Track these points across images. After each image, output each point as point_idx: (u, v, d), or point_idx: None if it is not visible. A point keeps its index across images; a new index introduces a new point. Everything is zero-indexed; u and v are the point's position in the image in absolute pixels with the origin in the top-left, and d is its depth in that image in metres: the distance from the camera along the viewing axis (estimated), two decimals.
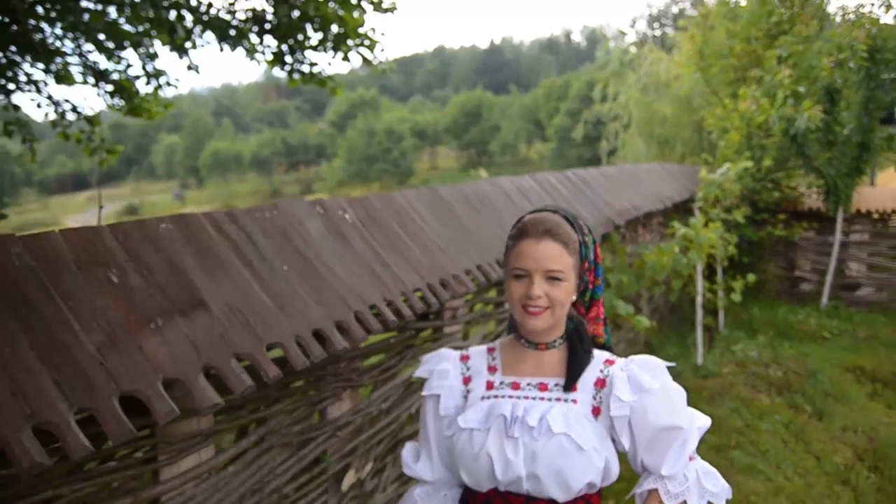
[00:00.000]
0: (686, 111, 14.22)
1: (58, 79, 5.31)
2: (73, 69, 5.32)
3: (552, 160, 43.71)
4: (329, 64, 11.92)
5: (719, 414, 4.36)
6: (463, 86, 74.99)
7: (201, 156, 61.25)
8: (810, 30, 8.36)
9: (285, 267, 1.86)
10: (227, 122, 73.91)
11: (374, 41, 5.42)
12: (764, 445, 4.00)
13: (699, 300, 5.74)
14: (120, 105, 5.65)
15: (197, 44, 5.40)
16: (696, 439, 1.28)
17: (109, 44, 5.14)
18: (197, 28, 5.27)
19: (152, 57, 5.47)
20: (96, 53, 5.22)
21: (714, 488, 1.27)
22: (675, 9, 41.06)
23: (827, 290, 7.46)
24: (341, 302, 1.91)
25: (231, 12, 5.20)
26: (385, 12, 5.32)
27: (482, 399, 1.34)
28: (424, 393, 1.42)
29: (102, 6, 4.93)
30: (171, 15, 5.12)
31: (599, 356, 1.36)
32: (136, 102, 5.70)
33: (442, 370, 1.42)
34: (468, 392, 1.38)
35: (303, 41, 5.42)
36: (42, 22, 4.78)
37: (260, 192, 57.40)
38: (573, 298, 1.33)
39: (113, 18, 5.04)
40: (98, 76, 5.41)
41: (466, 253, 2.74)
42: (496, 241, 2.97)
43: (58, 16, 4.76)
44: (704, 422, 1.31)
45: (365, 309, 1.97)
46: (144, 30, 5.16)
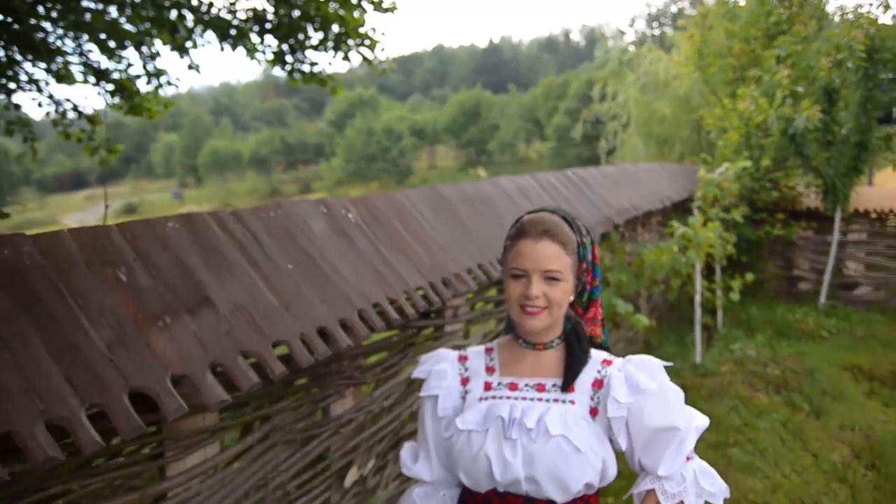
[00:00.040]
0: (685, 111, 14.25)
1: (58, 78, 5.31)
2: (74, 68, 5.33)
3: (551, 159, 43.73)
4: (329, 63, 11.93)
5: (718, 412, 4.39)
6: (462, 85, 75.03)
7: (200, 155, 61.26)
8: (809, 30, 8.39)
9: (290, 266, 1.88)
10: (226, 121, 73.88)
11: (375, 41, 5.44)
12: (762, 443, 4.03)
13: (698, 299, 5.76)
14: (120, 104, 5.66)
15: (198, 43, 5.41)
16: (694, 439, 1.28)
17: (110, 43, 5.15)
18: (198, 28, 5.28)
19: (153, 56, 5.48)
20: (97, 53, 5.24)
21: (711, 488, 1.27)
22: (674, 8, 41.12)
23: (825, 290, 7.49)
24: (345, 300, 1.93)
25: (232, 12, 5.21)
26: (385, 12, 5.34)
27: (480, 400, 1.34)
28: (422, 394, 1.42)
29: (103, 5, 4.94)
30: (172, 14, 5.13)
31: (597, 356, 1.36)
32: (137, 102, 5.71)
33: (440, 371, 1.42)
34: (466, 393, 1.39)
35: (303, 41, 5.43)
36: (43, 21, 4.79)
37: (258, 191, 57.37)
38: (571, 299, 1.33)
39: (114, 18, 5.05)
40: (99, 75, 5.42)
41: (468, 252, 2.76)
42: (497, 240, 2.98)
43: (59, 15, 4.77)
44: (702, 422, 1.30)
45: (368, 307, 1.99)
46: (145, 29, 5.17)
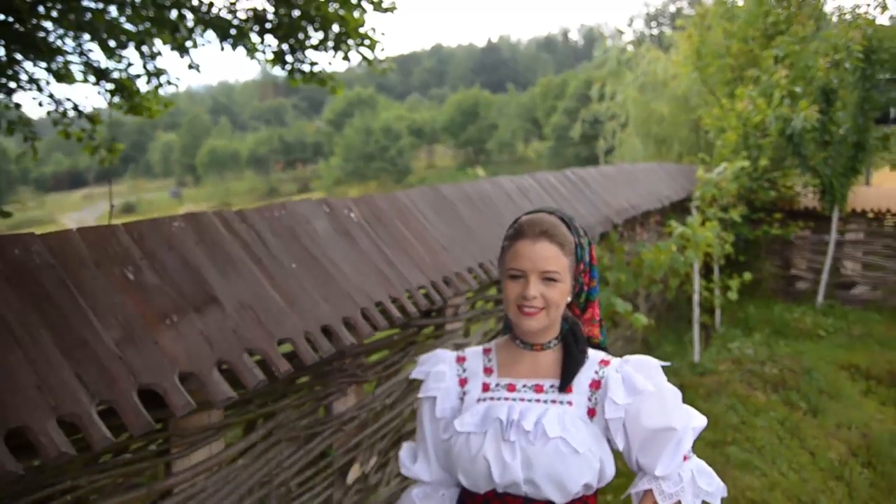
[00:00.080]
0: (683, 110, 14.28)
1: (58, 77, 5.32)
2: (74, 68, 5.34)
3: (549, 159, 43.75)
4: (329, 63, 11.94)
5: (716, 411, 4.43)
6: (460, 84, 75.07)
7: (198, 154, 61.21)
8: (807, 30, 8.42)
9: (294, 265, 1.90)
10: (225, 120, 73.84)
11: (375, 41, 5.45)
12: (759, 442, 4.06)
13: (696, 298, 5.79)
14: (120, 104, 5.67)
15: (198, 43, 5.42)
16: (691, 439, 1.29)
17: (111, 43, 5.16)
18: (198, 27, 5.29)
19: (153, 56, 5.49)
20: (97, 52, 5.25)
21: (709, 487, 1.28)
22: (673, 8, 41.20)
23: (822, 289, 7.52)
24: (348, 299, 1.95)
25: (232, 11, 5.22)
26: (385, 12, 5.35)
27: (478, 401, 1.35)
28: (421, 395, 1.42)
29: (104, 5, 4.95)
30: (173, 14, 5.14)
31: (594, 356, 1.37)
32: (137, 101, 5.73)
33: (438, 372, 1.42)
34: (464, 394, 1.39)
35: (303, 40, 5.45)
36: (44, 21, 4.80)
37: (257, 191, 57.34)
38: (568, 300, 1.34)
39: (114, 17, 5.06)
40: (99, 75, 5.43)
41: (468, 251, 2.78)
42: (497, 240, 3.00)
43: (59, 15, 4.78)
44: (700, 422, 1.31)
45: (371, 306, 2.02)
46: (145, 29, 5.18)
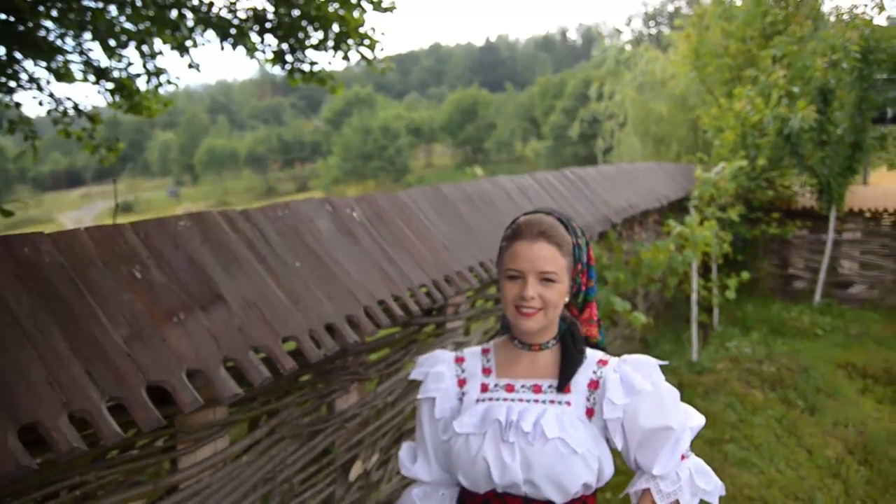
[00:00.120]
0: (681, 110, 14.33)
1: (58, 76, 5.33)
2: (74, 67, 5.35)
3: (548, 158, 43.75)
4: (329, 63, 11.94)
5: (714, 409, 4.45)
6: (458, 83, 75.13)
7: (196, 153, 61.19)
8: (805, 30, 8.46)
9: (297, 263, 1.92)
10: (223, 119, 73.84)
11: (375, 41, 5.47)
12: (757, 439, 4.09)
13: (694, 297, 5.81)
14: (120, 103, 5.68)
15: (198, 42, 5.43)
16: (689, 438, 1.29)
17: (111, 42, 5.17)
18: (198, 27, 5.31)
19: (154, 55, 5.50)
20: (97, 51, 5.27)
21: (707, 486, 1.29)
22: (671, 7, 41.26)
23: (820, 288, 7.56)
24: (351, 297, 1.98)
25: (232, 11, 5.24)
26: (384, 12, 5.37)
27: (477, 402, 1.36)
28: (420, 396, 1.43)
29: (104, 4, 4.96)
30: (173, 14, 5.15)
31: (592, 356, 1.37)
32: (137, 100, 5.74)
33: (437, 373, 1.43)
34: (463, 394, 1.40)
35: (303, 40, 5.46)
36: (44, 20, 4.81)
37: (255, 190, 57.31)
38: (566, 300, 1.34)
39: (114, 16, 5.07)
40: (99, 74, 5.44)
41: (469, 250, 2.80)
42: (497, 239, 3.02)
43: (60, 14, 4.79)
44: (698, 421, 1.31)
45: (374, 304, 2.04)
46: (146, 28, 5.19)
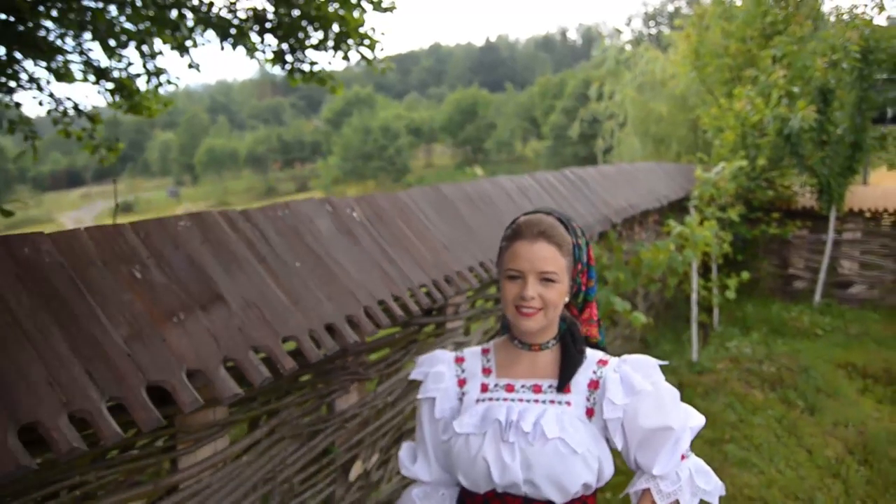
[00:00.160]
0: (681, 110, 14.33)
1: (58, 76, 5.32)
2: (74, 67, 5.35)
3: (548, 158, 43.73)
4: (329, 63, 11.95)
5: (714, 409, 4.45)
6: (458, 83, 75.14)
7: (196, 153, 61.20)
8: (805, 30, 8.46)
9: (297, 263, 1.92)
10: (223, 119, 73.86)
11: (375, 41, 5.47)
12: (757, 439, 4.09)
13: (694, 297, 5.81)
14: (120, 103, 5.68)
15: (198, 42, 5.43)
16: (689, 438, 1.29)
17: (111, 42, 5.17)
18: (198, 27, 5.31)
19: (154, 55, 5.50)
20: (97, 51, 5.27)
21: (707, 486, 1.28)
22: (671, 7, 41.26)
23: (820, 288, 7.56)
24: (351, 297, 1.98)
25: (232, 11, 5.24)
26: (384, 12, 5.36)
27: (477, 402, 1.35)
28: (420, 396, 1.43)
29: (104, 4, 4.96)
30: (173, 14, 5.15)
31: (592, 356, 1.37)
32: (137, 100, 5.74)
33: (437, 373, 1.43)
34: (463, 395, 1.39)
35: (303, 40, 5.46)
36: (44, 20, 4.81)
37: (255, 190, 57.32)
38: (566, 300, 1.34)
39: (114, 16, 5.07)
40: (99, 74, 5.44)
41: (469, 250, 2.80)
42: (497, 239, 3.02)
43: (60, 14, 4.79)
44: (698, 421, 1.31)
45: (374, 304, 2.04)
46: (146, 28, 5.19)
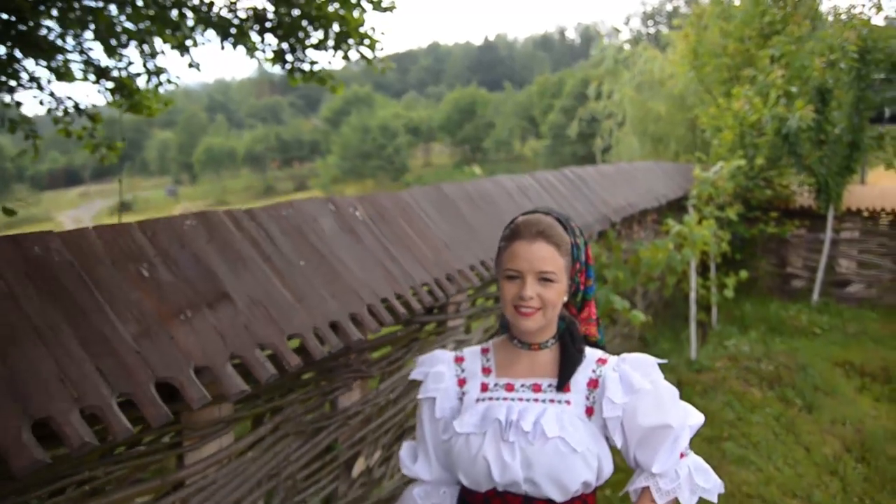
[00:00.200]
0: (680, 109, 14.34)
1: (58, 75, 5.33)
2: (74, 66, 5.35)
3: (546, 157, 43.72)
4: (329, 63, 11.95)
5: (712, 407, 4.48)
6: (457, 82, 75.10)
7: (195, 152, 61.10)
8: (803, 30, 8.49)
9: (302, 262, 1.94)
10: (221, 118, 73.76)
11: (375, 40, 5.48)
12: (755, 437, 4.12)
13: (693, 296, 5.84)
14: (120, 102, 5.69)
15: (198, 42, 5.44)
16: (688, 437, 1.30)
17: (111, 41, 5.18)
18: (199, 26, 5.32)
19: (154, 54, 5.51)
20: (97, 51, 5.28)
21: (706, 484, 1.29)
22: (670, 7, 41.30)
23: (818, 287, 7.59)
24: (355, 295, 2.00)
25: (232, 11, 5.25)
26: (384, 11, 5.37)
27: (477, 401, 1.36)
28: (420, 396, 1.44)
29: (104, 3, 4.97)
30: (173, 13, 5.16)
31: (592, 355, 1.38)
32: (137, 99, 5.75)
33: (437, 373, 1.43)
34: (463, 394, 1.40)
35: (303, 40, 5.47)
36: (45, 19, 4.82)
37: (253, 189, 57.28)
38: (565, 299, 1.35)
39: (114, 15, 5.08)
40: (99, 73, 5.45)
41: (470, 249, 2.83)
42: (497, 238, 3.04)
43: (60, 13, 4.80)
44: (697, 419, 1.32)
45: (377, 302, 2.06)
46: (146, 27, 5.20)
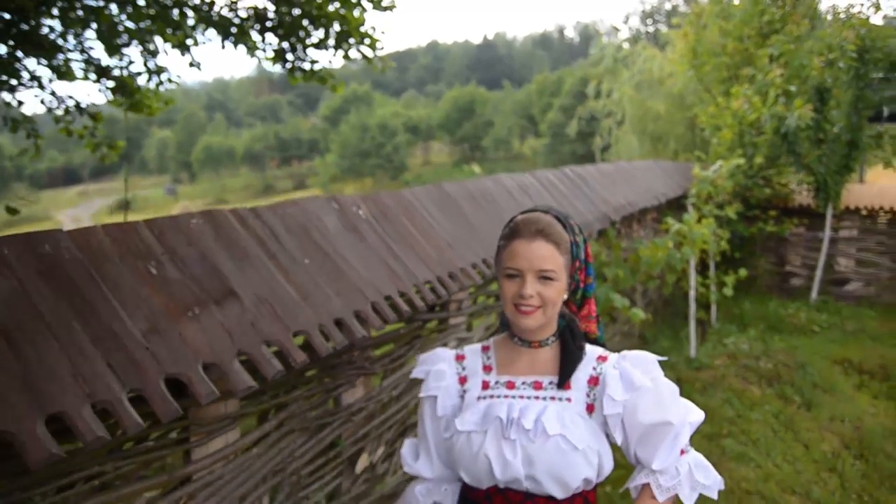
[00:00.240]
0: (679, 108, 14.35)
1: (59, 74, 5.34)
2: (75, 65, 5.36)
3: (545, 156, 43.71)
4: (329, 62, 11.97)
5: (712, 404, 4.51)
6: (456, 81, 75.10)
7: (193, 150, 61.03)
8: (801, 29, 8.51)
9: (306, 260, 1.96)
10: (220, 117, 73.70)
11: (375, 39, 5.49)
12: (755, 434, 4.15)
13: (692, 294, 5.86)
14: (121, 101, 5.70)
15: (199, 41, 5.46)
16: (688, 433, 1.30)
17: (112, 40, 5.19)
18: (199, 26, 5.33)
19: (154, 54, 5.53)
20: (98, 50, 5.29)
21: (706, 480, 1.29)
22: (669, 5, 41.28)
23: (816, 285, 7.62)
24: (359, 293, 2.02)
25: (233, 10, 5.26)
26: (384, 10, 5.39)
27: (478, 399, 1.37)
28: (422, 394, 1.45)
29: (105, 3, 4.98)
30: (174, 13, 5.17)
31: (592, 352, 1.38)
32: (137, 98, 5.76)
33: (438, 371, 1.44)
34: (464, 392, 1.41)
35: (304, 39, 5.49)
36: (47, 18, 4.83)
37: (252, 187, 57.26)
38: (565, 297, 1.35)
39: (115, 15, 5.09)
40: (100, 72, 5.46)
41: (472, 247, 2.85)
42: (498, 236, 3.07)
43: (62, 13, 4.81)
44: (697, 416, 1.32)
45: (381, 300, 2.08)
46: (147, 27, 5.21)
